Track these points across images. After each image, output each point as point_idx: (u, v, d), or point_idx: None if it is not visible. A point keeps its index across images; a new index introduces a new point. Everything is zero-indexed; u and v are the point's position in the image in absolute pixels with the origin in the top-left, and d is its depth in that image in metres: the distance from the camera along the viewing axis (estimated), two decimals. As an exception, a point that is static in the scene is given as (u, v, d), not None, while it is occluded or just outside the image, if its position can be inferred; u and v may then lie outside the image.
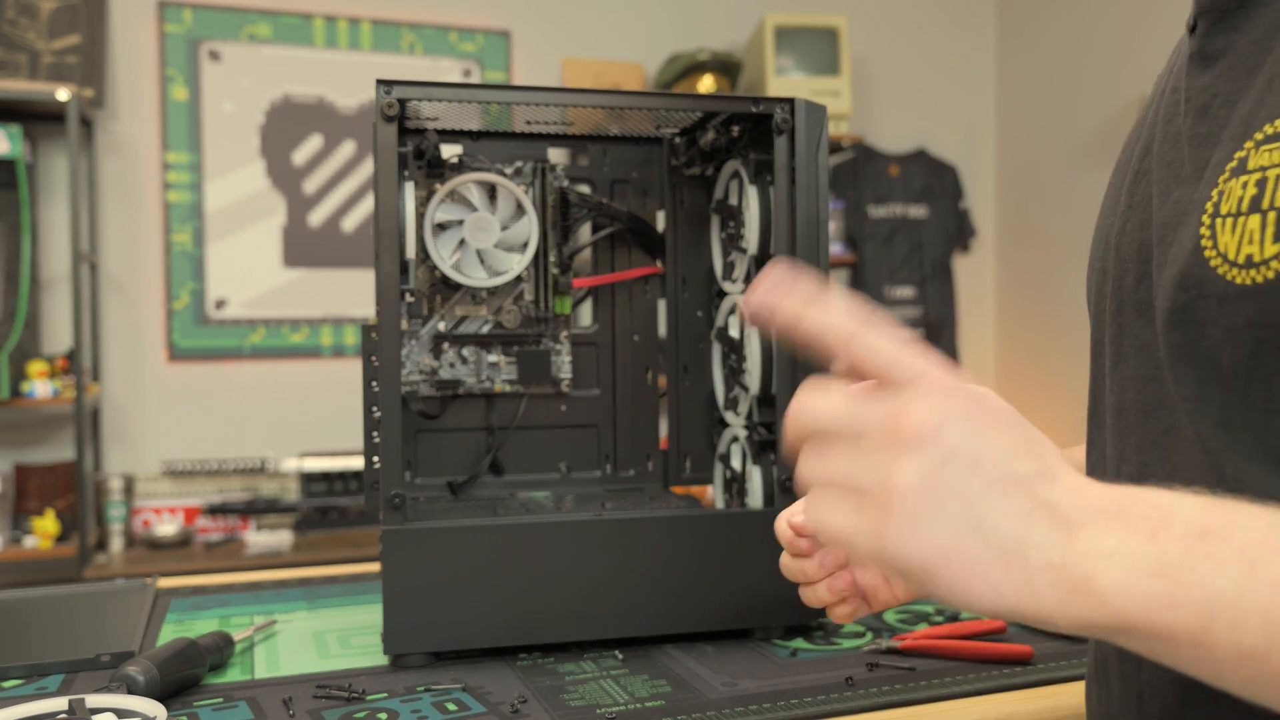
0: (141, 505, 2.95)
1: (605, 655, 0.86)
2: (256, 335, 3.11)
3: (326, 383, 3.17)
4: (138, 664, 0.74)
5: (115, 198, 3.00)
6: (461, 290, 1.03)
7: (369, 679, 0.81)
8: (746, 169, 0.97)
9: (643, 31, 3.48)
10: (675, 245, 1.09)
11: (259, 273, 3.12)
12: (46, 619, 0.97)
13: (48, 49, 2.86)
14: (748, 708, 0.73)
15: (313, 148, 3.17)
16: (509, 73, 3.34)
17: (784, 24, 3.32)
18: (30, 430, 2.92)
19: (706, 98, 0.91)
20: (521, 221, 1.02)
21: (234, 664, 0.85)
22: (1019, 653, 0.82)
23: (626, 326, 1.11)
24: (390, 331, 0.84)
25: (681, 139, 1.07)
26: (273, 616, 0.99)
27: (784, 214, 0.92)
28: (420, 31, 3.26)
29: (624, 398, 1.10)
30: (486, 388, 1.06)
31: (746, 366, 0.99)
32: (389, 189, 0.84)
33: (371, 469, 0.94)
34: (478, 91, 0.89)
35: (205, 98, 3.06)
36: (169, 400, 3.04)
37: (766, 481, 0.97)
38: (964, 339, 3.89)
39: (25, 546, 2.69)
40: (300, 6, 3.14)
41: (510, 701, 0.75)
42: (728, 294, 1.04)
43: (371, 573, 1.18)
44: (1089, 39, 3.45)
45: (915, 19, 3.79)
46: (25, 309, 2.75)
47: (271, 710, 0.74)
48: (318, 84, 3.17)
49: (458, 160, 1.02)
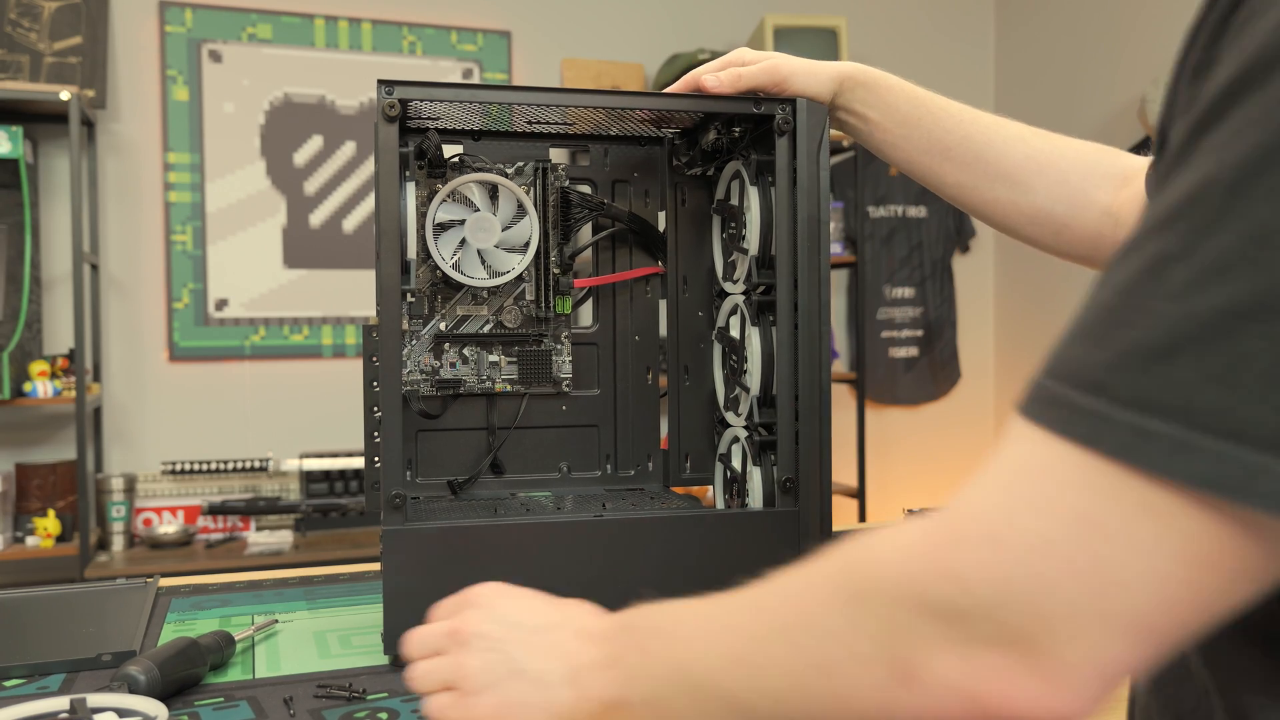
0: (143, 505, 2.96)
1: (606, 655, 0.86)
2: (257, 335, 3.12)
3: (327, 383, 3.17)
4: (139, 663, 0.75)
5: (116, 198, 3.00)
6: (462, 290, 1.04)
7: (369, 678, 0.81)
8: (747, 169, 0.97)
9: (643, 32, 3.48)
10: (676, 245, 1.09)
11: (260, 273, 3.12)
12: (48, 619, 0.97)
13: (49, 50, 2.86)
14: (748, 707, 0.73)
15: (313, 148, 3.17)
16: (509, 73, 3.34)
17: (784, 24, 3.32)
18: (31, 430, 2.92)
19: (707, 98, 0.91)
20: (522, 221, 1.02)
21: (235, 663, 0.86)
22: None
23: (627, 326, 1.11)
24: (391, 331, 0.84)
25: (682, 139, 1.07)
26: (273, 616, 0.99)
27: (785, 214, 0.92)
28: (421, 32, 3.26)
29: (624, 398, 1.10)
30: (487, 388, 1.06)
31: (747, 367, 0.99)
32: (390, 189, 0.84)
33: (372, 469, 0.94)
34: (479, 92, 0.89)
35: (206, 98, 3.06)
36: (170, 400, 3.04)
37: (767, 482, 0.97)
38: (963, 339, 3.89)
39: (27, 546, 2.69)
40: (301, 7, 3.14)
41: (511, 701, 0.75)
42: (729, 294, 1.05)
43: (372, 572, 1.18)
44: (1087, 39, 3.45)
45: (914, 19, 3.79)
46: (27, 309, 2.76)
47: (272, 710, 0.75)
48: (318, 84, 3.17)
49: (459, 160, 1.02)
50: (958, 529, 0.39)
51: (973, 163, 0.86)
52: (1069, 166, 0.83)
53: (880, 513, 3.60)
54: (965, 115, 0.88)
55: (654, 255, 1.11)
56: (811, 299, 0.91)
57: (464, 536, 0.85)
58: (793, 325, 0.92)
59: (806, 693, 0.43)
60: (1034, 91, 3.70)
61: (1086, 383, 0.37)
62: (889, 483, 3.71)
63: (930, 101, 0.89)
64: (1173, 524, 0.35)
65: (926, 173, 0.90)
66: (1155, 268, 0.36)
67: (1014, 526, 0.37)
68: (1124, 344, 0.36)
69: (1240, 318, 0.34)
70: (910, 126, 0.89)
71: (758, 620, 0.46)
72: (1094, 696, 0.37)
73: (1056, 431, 0.37)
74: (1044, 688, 0.37)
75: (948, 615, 0.38)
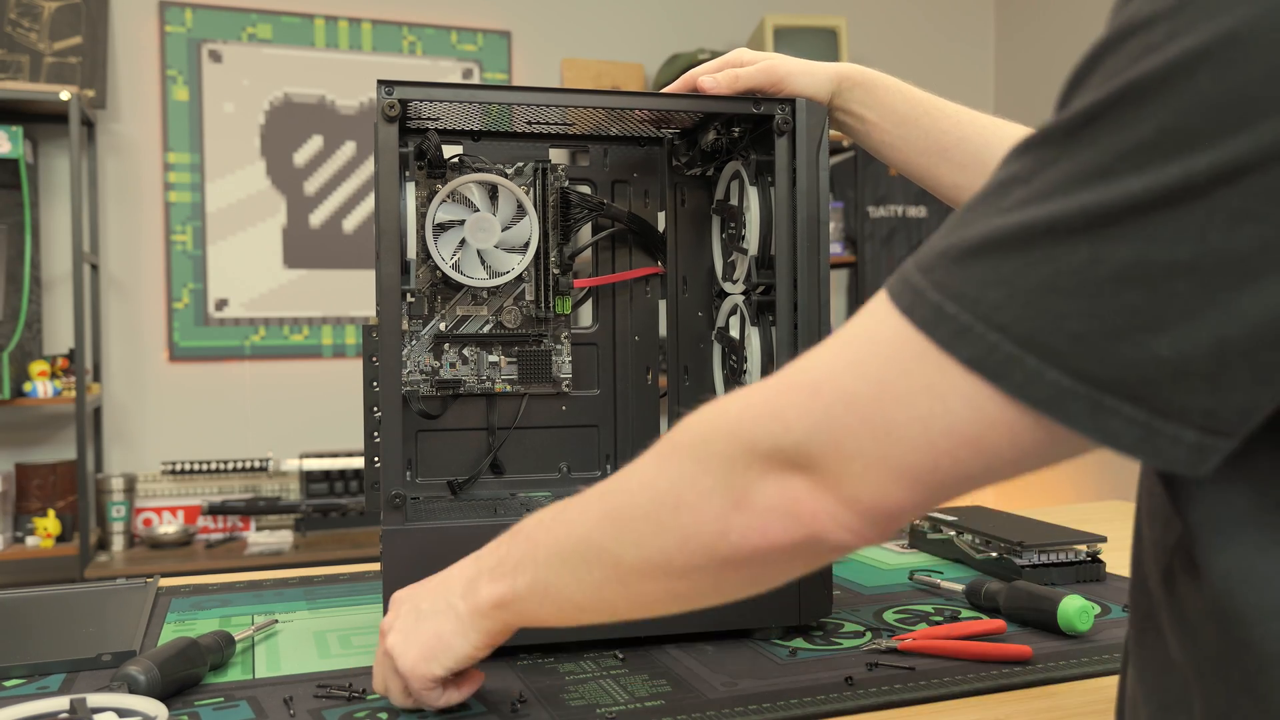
0: (143, 505, 2.96)
1: (605, 655, 0.86)
2: (257, 335, 3.12)
3: (327, 383, 3.17)
4: (139, 663, 0.75)
5: (116, 198, 3.00)
6: (462, 290, 1.04)
7: (369, 678, 0.81)
8: (747, 170, 0.97)
9: (643, 32, 3.48)
10: (676, 246, 1.09)
11: (260, 273, 3.12)
12: (48, 619, 0.97)
13: (49, 50, 2.86)
14: (747, 708, 0.73)
15: (313, 148, 3.17)
16: (509, 73, 3.34)
17: (784, 24, 3.32)
18: (32, 430, 2.92)
19: (707, 98, 0.91)
20: (522, 222, 1.02)
21: (235, 663, 0.86)
22: (1018, 653, 0.82)
23: (627, 327, 1.11)
24: (391, 331, 0.84)
25: (682, 139, 1.07)
26: (273, 616, 0.99)
27: (785, 215, 0.92)
28: (421, 32, 3.26)
29: (624, 398, 1.10)
30: (487, 388, 1.06)
31: (747, 367, 0.99)
32: (390, 189, 0.84)
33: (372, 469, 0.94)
34: (479, 92, 0.89)
35: (206, 98, 3.07)
36: (170, 400, 3.04)
37: (766, 481, 0.97)
38: (964, 339, 3.89)
39: (27, 546, 2.69)
40: (301, 7, 3.14)
41: (510, 701, 0.75)
42: (728, 294, 1.05)
43: (372, 572, 1.18)
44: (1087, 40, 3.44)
45: (914, 20, 3.79)
46: (27, 309, 2.76)
47: (272, 710, 0.75)
48: (318, 84, 3.17)
49: (458, 160, 1.02)
50: (790, 380, 0.48)
51: (970, 164, 0.87)
52: None
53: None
54: (963, 116, 0.89)
55: (654, 255, 1.11)
56: (811, 299, 0.91)
57: (464, 536, 0.85)
58: (793, 325, 0.92)
59: (663, 530, 0.52)
60: (1034, 92, 3.70)
61: (923, 265, 0.44)
62: (889, 483, 3.71)
63: (928, 102, 0.89)
64: (946, 399, 0.42)
65: (924, 173, 0.90)
66: (1003, 186, 0.43)
67: (832, 382, 0.46)
68: (956, 239, 0.43)
69: (1038, 234, 0.40)
70: (908, 127, 0.89)
71: (626, 483, 0.56)
72: (881, 525, 0.47)
73: (890, 298, 0.45)
74: (842, 512, 0.46)
75: (771, 450, 0.47)
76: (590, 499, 0.59)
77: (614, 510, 0.56)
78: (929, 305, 0.42)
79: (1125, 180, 0.38)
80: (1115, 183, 0.38)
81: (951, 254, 0.43)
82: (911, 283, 0.44)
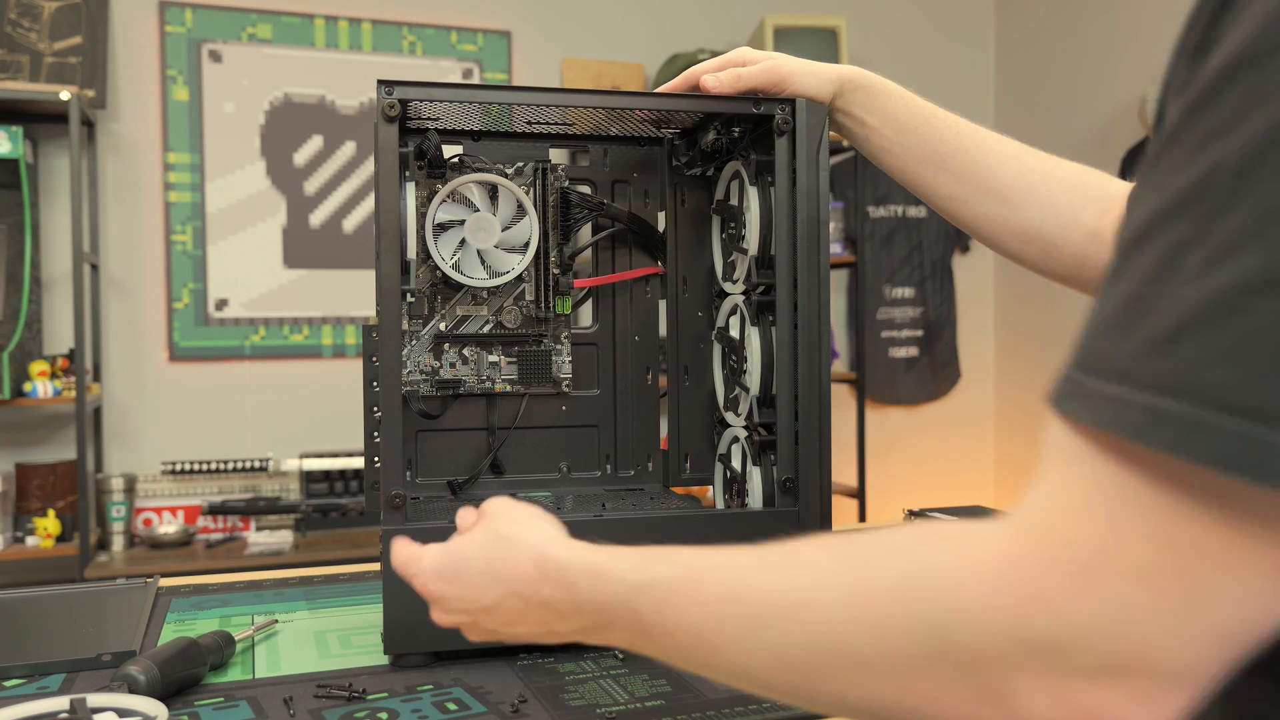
0: (143, 505, 2.96)
1: (605, 655, 0.86)
2: (257, 335, 3.12)
3: (327, 383, 3.17)
4: (139, 663, 0.75)
5: (116, 198, 3.00)
6: (462, 290, 1.04)
7: (369, 678, 0.81)
8: (747, 170, 0.97)
9: (643, 32, 3.48)
10: (676, 246, 1.09)
11: (260, 273, 3.12)
12: (48, 619, 0.97)
13: (49, 50, 2.86)
14: (747, 708, 0.73)
15: (313, 148, 3.17)
16: (509, 73, 3.34)
17: (783, 25, 3.32)
18: (31, 430, 2.92)
19: (707, 98, 0.91)
20: (522, 222, 1.02)
21: (235, 663, 0.86)
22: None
23: (627, 327, 1.11)
24: (391, 331, 0.84)
25: (682, 139, 1.07)
26: (273, 616, 0.99)
27: (785, 215, 0.92)
28: (420, 32, 3.26)
29: (624, 398, 1.10)
30: (487, 388, 1.06)
31: (747, 367, 0.99)
32: (390, 189, 0.84)
33: (372, 469, 0.94)
34: (479, 92, 0.89)
35: (206, 98, 3.06)
36: (170, 400, 3.04)
37: (766, 481, 0.97)
38: (963, 339, 3.89)
39: (27, 546, 2.69)
40: (301, 7, 3.14)
41: (510, 701, 0.75)
42: (728, 294, 1.05)
43: (372, 572, 1.18)
44: (1087, 40, 3.45)
45: (914, 20, 3.79)
46: (27, 309, 2.76)
47: (272, 709, 0.75)
48: (318, 84, 3.17)
49: (458, 160, 1.02)
50: (1046, 557, 0.38)
51: (966, 176, 0.87)
52: (1059, 187, 0.84)
53: (880, 513, 3.60)
54: (962, 128, 0.88)
55: (654, 255, 1.11)
56: (811, 299, 0.91)
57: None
58: (792, 325, 0.92)
59: (884, 705, 0.43)
60: (1034, 92, 3.70)
61: (1107, 374, 0.37)
62: (889, 482, 3.71)
63: (928, 111, 0.89)
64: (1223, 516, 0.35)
65: (920, 182, 0.90)
66: (1172, 254, 0.36)
67: (1106, 554, 0.37)
68: (1145, 331, 0.36)
69: (1249, 293, 0.33)
70: (907, 134, 0.89)
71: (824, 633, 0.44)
72: (1184, 710, 0.37)
73: (1100, 426, 0.37)
74: (1139, 710, 0.37)
75: (1043, 647, 0.37)
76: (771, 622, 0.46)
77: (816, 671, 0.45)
78: (1139, 410, 0.36)
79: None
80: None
81: (1148, 348, 0.36)
82: (1107, 394, 0.37)
